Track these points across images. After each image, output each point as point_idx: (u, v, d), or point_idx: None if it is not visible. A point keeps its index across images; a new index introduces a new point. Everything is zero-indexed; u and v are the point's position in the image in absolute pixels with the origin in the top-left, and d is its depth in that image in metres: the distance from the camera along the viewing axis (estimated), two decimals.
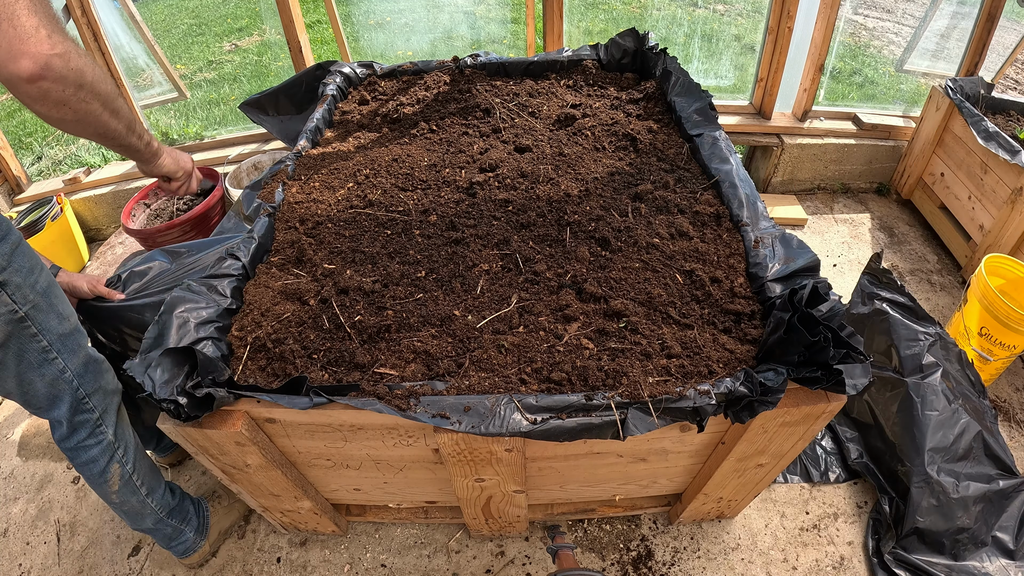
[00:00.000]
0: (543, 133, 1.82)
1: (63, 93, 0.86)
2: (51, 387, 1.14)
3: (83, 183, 2.81)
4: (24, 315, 1.04)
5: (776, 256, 1.26)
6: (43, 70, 0.81)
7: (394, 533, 1.67)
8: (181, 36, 5.40)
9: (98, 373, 1.22)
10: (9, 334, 1.04)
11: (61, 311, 1.13)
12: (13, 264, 1.01)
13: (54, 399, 1.16)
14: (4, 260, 1.00)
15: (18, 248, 1.03)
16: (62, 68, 0.83)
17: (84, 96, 0.89)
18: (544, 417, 0.99)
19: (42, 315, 1.08)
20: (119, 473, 1.29)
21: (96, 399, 1.22)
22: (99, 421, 1.23)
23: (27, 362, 1.09)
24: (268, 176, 1.59)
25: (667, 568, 1.58)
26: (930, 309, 2.34)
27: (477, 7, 5.44)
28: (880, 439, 1.70)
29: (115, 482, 1.29)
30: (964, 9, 2.86)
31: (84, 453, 1.24)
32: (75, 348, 1.16)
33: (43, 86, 0.83)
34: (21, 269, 1.03)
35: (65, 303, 1.16)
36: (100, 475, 1.27)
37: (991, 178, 2.27)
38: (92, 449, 1.24)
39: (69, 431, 1.21)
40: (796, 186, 3.03)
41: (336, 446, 1.19)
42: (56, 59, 0.82)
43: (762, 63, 2.71)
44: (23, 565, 1.65)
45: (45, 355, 1.10)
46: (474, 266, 1.34)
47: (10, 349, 1.06)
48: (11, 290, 1.01)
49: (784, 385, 0.98)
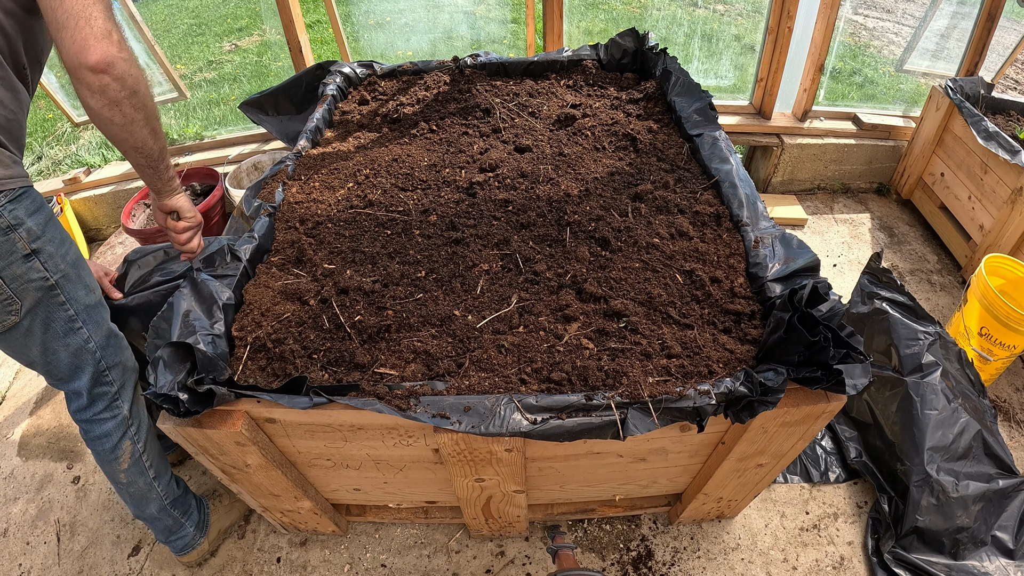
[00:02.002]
0: (543, 133, 1.82)
1: (119, 93, 0.94)
2: (75, 357, 1.18)
3: (83, 183, 2.81)
4: (55, 283, 1.10)
5: (776, 256, 1.26)
6: (109, 66, 0.91)
7: (394, 533, 1.67)
8: (181, 36, 5.39)
9: (119, 348, 1.27)
10: (38, 300, 1.09)
11: (88, 283, 1.18)
12: (47, 234, 1.07)
13: (76, 369, 1.20)
14: (39, 229, 1.06)
15: (51, 220, 1.10)
16: (125, 70, 0.93)
17: (136, 103, 0.98)
18: (544, 417, 0.99)
19: (71, 285, 1.13)
20: (130, 451, 1.32)
21: (115, 372, 1.26)
22: (116, 395, 1.27)
23: (53, 331, 1.14)
24: (268, 176, 1.59)
25: (667, 568, 1.58)
26: (930, 309, 2.34)
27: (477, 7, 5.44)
28: (879, 438, 1.70)
29: (125, 460, 1.32)
30: (964, 9, 2.86)
31: (99, 426, 1.27)
32: (99, 320, 1.21)
33: (104, 80, 0.92)
34: (54, 239, 1.09)
35: (91, 276, 1.20)
36: (111, 451, 1.30)
37: (991, 178, 2.27)
38: (107, 423, 1.27)
39: (88, 402, 1.24)
40: (796, 186, 3.03)
41: (336, 446, 1.19)
42: (121, 61, 0.92)
43: (762, 63, 2.71)
44: (23, 565, 1.65)
45: (71, 324, 1.15)
46: (474, 266, 1.34)
47: (38, 316, 1.10)
48: (44, 258, 1.07)
49: (784, 385, 0.99)
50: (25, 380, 2.19)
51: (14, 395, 2.15)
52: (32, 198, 1.06)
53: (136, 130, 1.01)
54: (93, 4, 0.90)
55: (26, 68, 1.05)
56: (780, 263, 1.24)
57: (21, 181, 1.03)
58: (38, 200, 1.07)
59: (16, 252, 1.02)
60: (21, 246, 1.03)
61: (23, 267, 1.04)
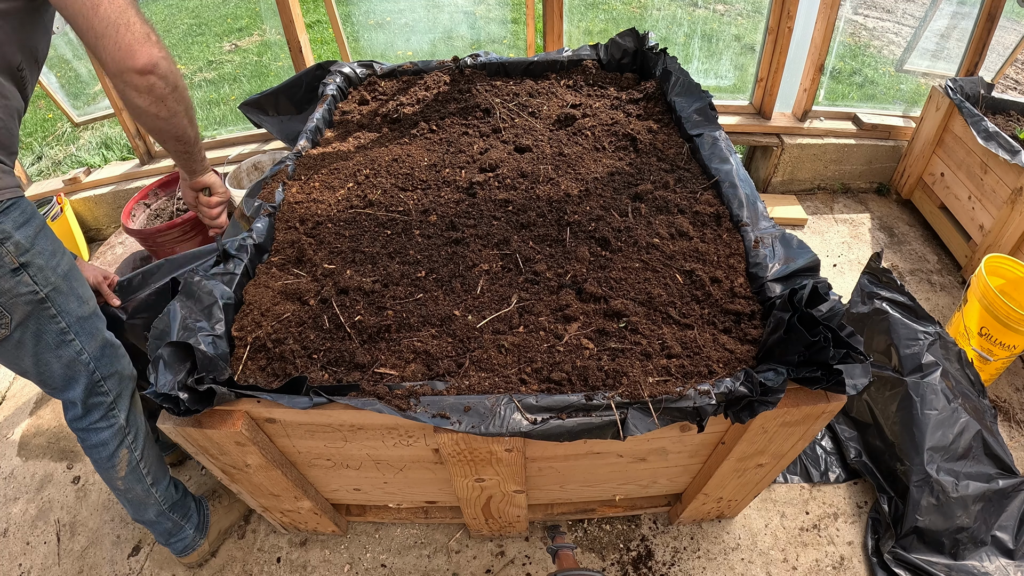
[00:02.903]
0: (543, 133, 1.82)
1: (164, 90, 0.99)
2: (67, 368, 1.18)
3: (83, 183, 2.81)
4: (45, 296, 1.09)
5: (776, 256, 1.26)
6: (154, 67, 0.95)
7: (394, 533, 1.67)
8: (181, 36, 5.39)
9: (115, 357, 1.26)
10: (29, 314, 1.08)
11: (81, 294, 1.17)
12: (36, 246, 1.06)
13: (70, 380, 1.19)
14: (28, 242, 1.04)
15: (42, 231, 1.08)
16: (167, 68, 0.98)
17: (178, 97, 1.03)
18: (544, 417, 0.99)
19: (62, 297, 1.12)
20: (127, 459, 1.31)
21: (111, 383, 1.25)
22: (112, 405, 1.26)
23: (45, 343, 1.13)
24: (268, 177, 1.59)
25: (667, 568, 1.58)
26: (930, 309, 2.34)
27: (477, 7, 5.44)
28: (879, 438, 1.70)
29: (122, 468, 1.31)
30: (964, 9, 2.86)
31: (95, 435, 1.26)
32: (93, 331, 1.20)
33: (151, 80, 0.96)
34: (44, 252, 1.08)
35: (85, 287, 1.19)
36: (108, 459, 1.29)
37: (991, 178, 2.27)
38: (103, 432, 1.26)
39: (83, 412, 1.24)
40: (796, 186, 3.03)
41: (336, 446, 1.19)
42: (164, 61, 0.96)
43: (762, 63, 2.71)
44: (23, 565, 1.65)
45: (63, 337, 1.14)
46: (474, 266, 1.34)
47: (29, 329, 1.10)
48: (33, 272, 1.06)
49: (784, 385, 0.99)
50: (25, 380, 2.19)
51: (14, 395, 2.15)
52: (21, 209, 1.04)
53: (178, 121, 1.06)
54: (127, 8, 0.92)
55: (22, 69, 1.03)
56: (780, 263, 1.24)
57: (10, 192, 1.02)
58: (28, 211, 1.06)
59: (3, 267, 1.01)
60: (8, 260, 1.01)
61: (11, 281, 1.03)
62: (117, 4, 0.91)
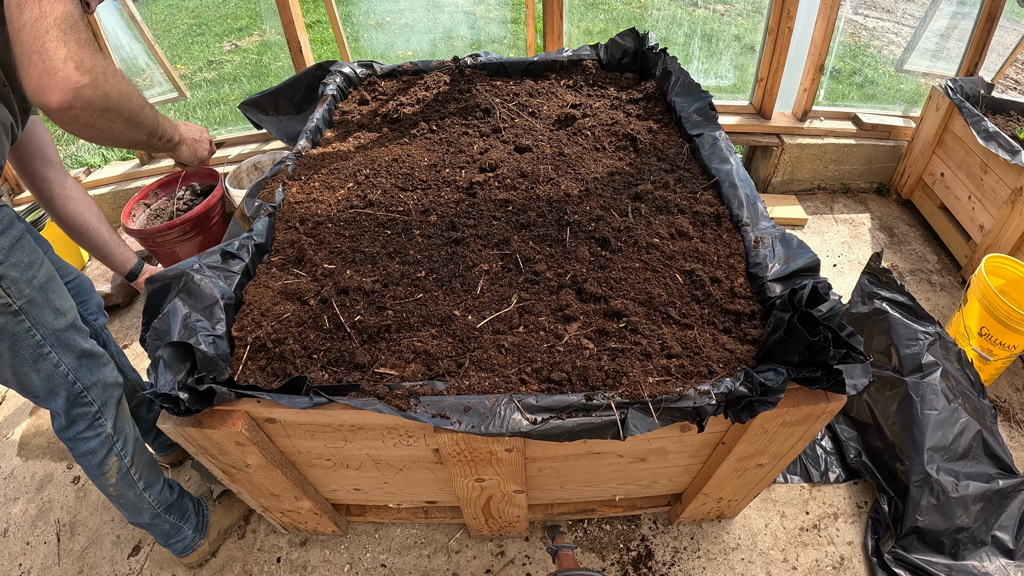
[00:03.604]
0: (543, 133, 1.82)
1: (90, 118, 0.88)
2: (46, 381, 1.16)
3: (83, 183, 2.81)
4: (19, 309, 1.06)
5: (776, 256, 1.26)
6: (72, 101, 0.83)
7: (394, 533, 1.67)
8: (181, 36, 5.39)
9: (96, 367, 1.23)
10: (2, 327, 1.06)
11: (58, 306, 1.14)
12: (11, 258, 1.03)
13: (50, 391, 1.18)
14: (2, 255, 1.01)
15: (18, 243, 1.05)
16: (90, 96, 0.85)
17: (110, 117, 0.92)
18: (544, 417, 0.99)
19: (37, 310, 1.09)
20: (117, 466, 1.30)
21: (95, 392, 1.23)
22: (98, 414, 1.25)
23: (21, 356, 1.11)
24: (268, 177, 1.59)
25: (667, 568, 1.58)
26: (930, 309, 2.34)
27: (477, 7, 5.44)
28: (879, 438, 1.70)
29: (112, 475, 1.30)
30: (964, 9, 2.86)
31: (82, 444, 1.25)
32: (70, 343, 1.17)
33: (72, 113, 0.86)
34: (19, 264, 1.05)
35: (64, 298, 1.17)
36: (98, 467, 1.28)
37: (991, 178, 2.27)
38: (91, 441, 1.25)
39: (67, 422, 1.23)
40: (796, 186, 3.03)
41: (336, 446, 1.19)
42: (85, 89, 0.84)
43: (762, 63, 2.71)
44: (23, 565, 1.65)
45: (39, 350, 1.12)
46: (474, 266, 1.34)
47: (3, 341, 1.08)
48: (6, 284, 1.03)
49: (784, 385, 0.99)
50: None
51: (14, 395, 2.15)
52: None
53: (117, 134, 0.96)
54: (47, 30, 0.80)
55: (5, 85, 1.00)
56: (780, 263, 1.24)
57: None
58: (4, 221, 1.02)
59: None
60: None
61: None
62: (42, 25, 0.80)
